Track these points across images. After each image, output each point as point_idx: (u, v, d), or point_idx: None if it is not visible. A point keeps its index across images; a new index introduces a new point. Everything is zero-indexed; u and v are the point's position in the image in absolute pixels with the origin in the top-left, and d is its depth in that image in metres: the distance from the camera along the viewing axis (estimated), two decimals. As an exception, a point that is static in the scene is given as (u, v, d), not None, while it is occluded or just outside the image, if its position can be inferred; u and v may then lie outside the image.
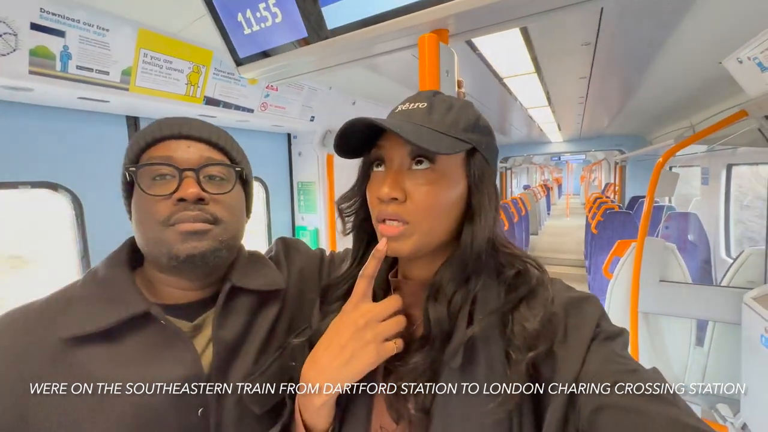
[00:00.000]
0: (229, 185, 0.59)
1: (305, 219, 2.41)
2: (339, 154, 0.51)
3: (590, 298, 0.47)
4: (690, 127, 3.13)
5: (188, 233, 0.53)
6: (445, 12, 0.68)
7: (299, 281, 0.70)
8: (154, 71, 1.27)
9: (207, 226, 0.54)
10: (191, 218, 0.53)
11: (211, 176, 0.57)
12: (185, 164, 0.55)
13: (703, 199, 3.53)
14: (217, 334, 0.55)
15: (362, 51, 0.86)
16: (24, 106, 1.21)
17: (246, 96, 1.65)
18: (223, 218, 0.56)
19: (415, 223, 0.46)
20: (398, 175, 0.47)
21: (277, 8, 0.83)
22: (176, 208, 0.53)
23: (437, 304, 0.47)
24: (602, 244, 3.97)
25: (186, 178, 0.54)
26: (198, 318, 0.57)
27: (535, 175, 16.62)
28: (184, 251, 0.52)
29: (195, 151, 0.56)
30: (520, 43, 1.66)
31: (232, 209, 0.59)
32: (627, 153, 5.36)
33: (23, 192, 1.24)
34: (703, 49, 1.58)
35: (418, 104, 0.49)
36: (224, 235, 0.56)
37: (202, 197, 0.54)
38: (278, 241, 0.76)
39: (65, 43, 1.04)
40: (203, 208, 0.55)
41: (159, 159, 0.55)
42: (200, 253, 0.53)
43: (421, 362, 0.46)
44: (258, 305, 0.62)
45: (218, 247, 0.55)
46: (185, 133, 0.57)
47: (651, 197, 1.98)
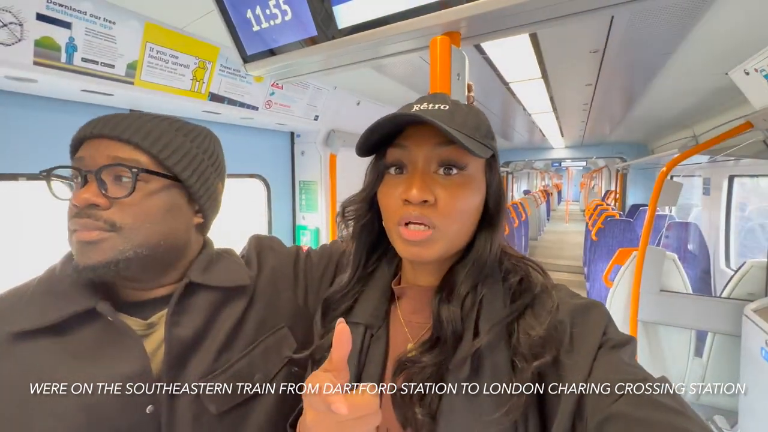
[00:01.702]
0: (131, 188, 0.53)
1: (306, 218, 2.40)
2: (361, 152, 0.50)
3: (596, 305, 0.46)
4: (693, 137, 3.13)
5: (82, 243, 0.50)
6: (458, 15, 0.67)
7: (272, 279, 0.68)
8: (160, 65, 1.26)
9: (102, 235, 0.50)
10: (81, 226, 0.50)
11: (117, 176, 0.52)
12: (89, 166, 0.51)
13: (703, 210, 3.53)
14: (170, 332, 0.53)
15: (371, 52, 0.86)
16: (26, 96, 1.20)
17: (251, 93, 1.64)
18: (125, 224, 0.51)
19: (442, 227, 0.46)
20: (426, 177, 0.46)
21: (288, 6, 0.82)
22: (73, 215, 0.51)
23: (450, 306, 0.47)
24: (602, 251, 3.97)
25: (89, 182, 0.51)
26: (153, 316, 0.55)
27: (535, 180, 16.64)
28: (81, 262, 0.50)
29: (103, 151, 0.52)
30: (529, 49, 1.65)
31: (139, 214, 0.53)
32: (629, 161, 5.37)
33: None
34: (710, 60, 1.58)
35: (439, 105, 0.48)
36: (127, 244, 0.51)
37: (93, 202, 0.50)
38: (252, 239, 0.74)
39: (71, 35, 1.03)
40: (95, 214, 0.50)
41: (75, 162, 0.53)
42: (95, 265, 0.49)
43: (430, 363, 0.45)
44: (221, 302, 0.60)
45: (118, 258, 0.50)
46: (97, 132, 0.53)
47: (653, 206, 1.98)
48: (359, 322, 0.54)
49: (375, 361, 0.51)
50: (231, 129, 1.96)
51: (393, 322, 0.55)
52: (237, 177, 2.10)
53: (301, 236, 2.39)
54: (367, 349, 0.53)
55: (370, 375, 0.50)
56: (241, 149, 2.06)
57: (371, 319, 0.54)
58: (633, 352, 0.43)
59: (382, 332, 0.53)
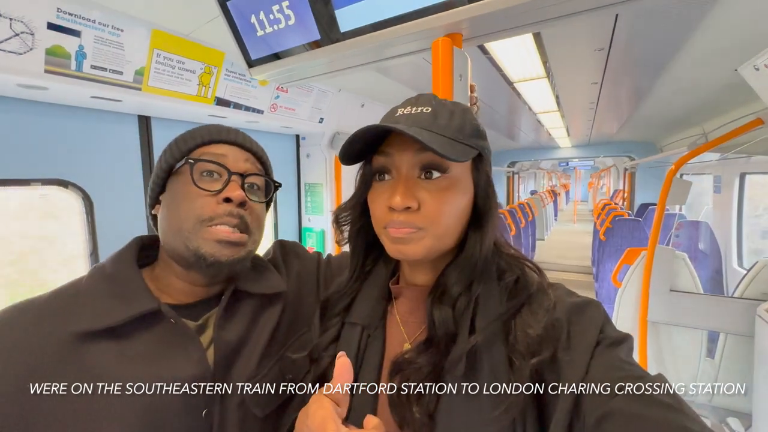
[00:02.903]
0: (264, 196, 0.63)
1: (312, 220, 2.41)
2: (344, 161, 0.50)
3: (593, 303, 0.46)
4: (702, 135, 3.08)
5: (224, 242, 0.54)
6: (459, 16, 0.67)
7: (298, 285, 0.69)
8: (167, 71, 1.28)
9: (244, 238, 0.56)
10: (232, 224, 0.55)
11: (251, 185, 0.60)
12: (234, 168, 0.58)
13: (714, 208, 3.47)
14: (219, 335, 0.55)
15: (374, 54, 0.86)
16: (37, 103, 1.23)
17: (256, 97, 1.66)
18: (254, 229, 0.59)
19: (428, 228, 0.46)
20: (409, 183, 0.46)
21: (291, 10, 0.83)
22: (221, 210, 0.54)
23: (443, 306, 0.47)
24: (610, 251, 3.92)
25: (233, 181, 0.56)
26: (201, 318, 0.57)
27: (542, 180, 16.51)
28: (212, 255, 0.53)
29: (243, 158, 0.60)
30: (532, 48, 1.65)
31: (260, 221, 0.61)
32: (637, 159, 5.30)
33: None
34: (718, 56, 1.56)
35: (421, 108, 0.48)
36: (252, 246, 0.59)
37: (245, 201, 0.56)
38: (276, 244, 0.76)
39: (80, 43, 1.05)
40: (243, 214, 0.56)
41: (213, 157, 0.57)
42: (228, 261, 0.55)
43: (425, 363, 0.45)
44: (260, 308, 0.62)
45: (246, 257, 0.58)
46: (239, 141, 0.61)
47: (662, 205, 1.95)
48: (356, 322, 0.55)
49: (371, 362, 0.51)
50: (237, 133, 1.98)
51: (390, 322, 0.55)
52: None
53: (306, 238, 2.41)
54: (364, 350, 0.53)
55: (367, 375, 0.51)
56: (247, 152, 2.09)
57: (368, 320, 0.54)
58: (630, 350, 0.43)
59: (378, 332, 0.53)
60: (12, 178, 1.19)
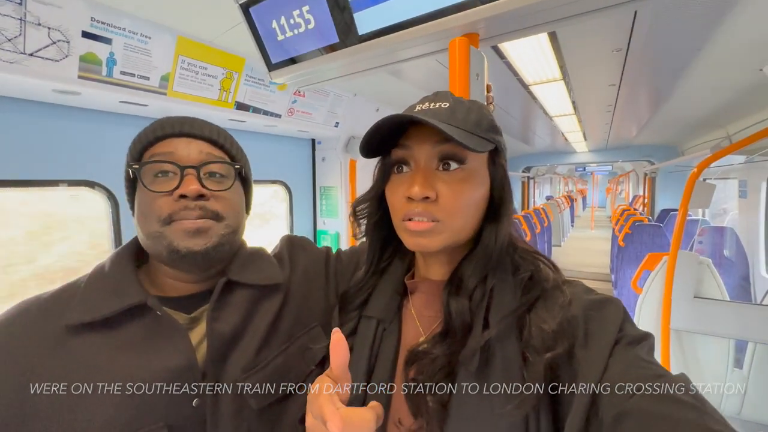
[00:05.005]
0: (229, 182, 0.60)
1: (327, 223, 2.44)
2: (364, 154, 0.51)
3: (612, 300, 0.45)
4: (726, 137, 2.99)
5: (190, 231, 0.54)
6: (476, 16, 0.68)
7: (305, 279, 0.69)
8: (190, 77, 1.33)
9: (209, 223, 0.55)
10: (192, 217, 0.54)
11: (211, 173, 0.58)
12: (186, 162, 0.56)
13: (740, 214, 3.34)
14: (212, 327, 0.55)
15: (390, 56, 0.88)
16: (70, 108, 1.29)
17: (274, 101, 1.70)
18: (225, 214, 0.58)
19: (446, 220, 0.47)
20: (428, 174, 0.47)
21: (311, 15, 0.85)
22: (177, 206, 0.54)
23: (459, 298, 0.48)
24: (630, 257, 3.81)
25: (187, 175, 0.55)
26: (196, 311, 0.57)
27: (558, 185, 16.23)
28: (185, 247, 0.53)
29: (195, 149, 0.57)
30: (548, 50, 1.64)
31: (233, 205, 0.60)
32: (657, 164, 5.16)
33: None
34: (742, 55, 1.52)
35: (440, 104, 0.49)
36: (226, 230, 0.58)
37: (202, 194, 0.55)
38: (284, 239, 0.76)
39: (111, 50, 1.10)
40: (204, 205, 0.55)
41: (161, 156, 0.56)
42: (202, 250, 0.54)
43: (441, 354, 0.46)
44: (257, 300, 0.62)
45: (220, 242, 0.57)
46: (186, 131, 0.58)
47: (684, 209, 1.90)
48: (372, 316, 0.55)
49: (387, 355, 0.52)
50: (255, 137, 2.03)
51: (405, 316, 0.56)
52: (261, 183, 2.17)
53: (321, 241, 2.43)
54: (380, 343, 0.54)
55: (382, 368, 0.51)
56: (265, 156, 2.13)
57: (383, 314, 0.55)
58: (651, 349, 0.42)
59: (394, 326, 0.54)
60: (41, 179, 1.25)
